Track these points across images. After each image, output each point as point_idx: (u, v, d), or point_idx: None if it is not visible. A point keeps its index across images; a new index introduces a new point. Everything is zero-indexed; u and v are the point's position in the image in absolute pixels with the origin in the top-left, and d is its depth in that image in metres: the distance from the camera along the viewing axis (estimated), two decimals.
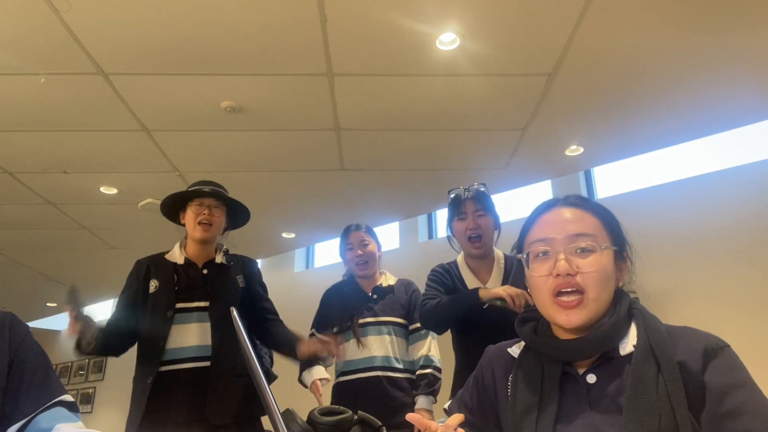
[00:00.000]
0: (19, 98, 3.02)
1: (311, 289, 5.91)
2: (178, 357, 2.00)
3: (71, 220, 4.75)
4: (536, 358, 1.02)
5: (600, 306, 0.97)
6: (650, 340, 0.92)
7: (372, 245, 2.58)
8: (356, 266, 2.56)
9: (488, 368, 1.11)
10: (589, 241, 0.98)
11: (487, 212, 2.11)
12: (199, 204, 2.13)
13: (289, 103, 3.16)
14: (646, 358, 0.90)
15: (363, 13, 2.48)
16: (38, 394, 1.04)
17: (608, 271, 0.98)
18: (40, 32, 2.52)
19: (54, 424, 1.01)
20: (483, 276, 2.13)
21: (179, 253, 2.16)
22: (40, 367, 1.08)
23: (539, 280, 1.00)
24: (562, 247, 0.99)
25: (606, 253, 0.99)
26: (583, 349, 0.96)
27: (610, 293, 0.99)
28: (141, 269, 2.13)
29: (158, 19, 2.47)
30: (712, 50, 2.80)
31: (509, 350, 1.10)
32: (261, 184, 4.20)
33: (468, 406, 1.13)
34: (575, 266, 0.97)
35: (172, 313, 2.02)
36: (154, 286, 2.08)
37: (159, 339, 1.98)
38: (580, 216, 1.02)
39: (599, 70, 2.93)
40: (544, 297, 0.99)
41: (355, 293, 2.56)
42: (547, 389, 0.97)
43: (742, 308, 3.54)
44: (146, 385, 1.94)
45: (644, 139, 3.69)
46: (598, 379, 0.95)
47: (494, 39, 2.67)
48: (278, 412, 0.85)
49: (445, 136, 3.60)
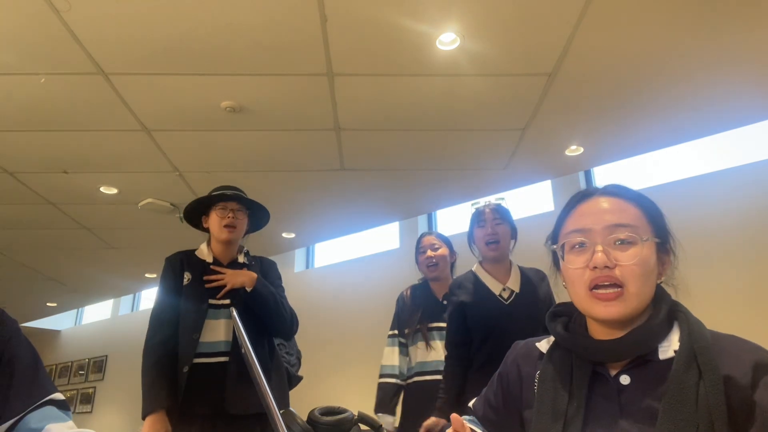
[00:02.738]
0: (19, 98, 3.02)
1: (311, 289, 5.95)
2: (210, 351, 2.09)
3: (71, 220, 4.75)
4: (566, 355, 0.97)
5: (641, 301, 0.91)
6: (694, 347, 0.86)
7: (443, 249, 2.67)
8: (426, 268, 2.66)
9: (514, 364, 1.07)
10: (629, 232, 0.92)
11: (504, 221, 2.25)
12: (223, 208, 2.23)
13: (289, 103, 3.17)
14: (688, 366, 0.85)
15: (363, 13, 2.48)
16: (28, 393, 1.00)
17: (650, 265, 0.92)
18: (40, 32, 2.52)
19: (44, 425, 0.97)
20: (502, 278, 2.23)
21: (207, 252, 2.25)
22: (30, 365, 1.04)
23: (574, 272, 0.94)
24: (600, 239, 0.92)
25: (647, 245, 0.92)
26: (618, 351, 0.91)
27: (652, 288, 0.93)
28: (175, 262, 2.22)
29: (158, 18, 2.47)
30: (711, 50, 2.80)
31: (537, 345, 1.05)
32: (261, 184, 4.20)
33: (492, 404, 1.09)
34: (614, 259, 0.90)
35: (206, 306, 2.12)
36: (188, 278, 2.17)
37: (194, 331, 2.08)
38: (619, 206, 0.96)
39: (599, 70, 2.93)
40: (580, 290, 0.93)
41: (427, 298, 2.65)
42: (576, 389, 0.92)
43: (742, 308, 3.54)
44: (182, 373, 2.03)
45: (644, 139, 3.69)
46: (632, 382, 0.89)
47: (494, 39, 2.67)
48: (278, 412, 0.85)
49: (445, 136, 3.60)
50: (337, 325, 5.67)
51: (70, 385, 8.58)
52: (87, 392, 8.40)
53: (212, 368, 2.07)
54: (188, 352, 2.06)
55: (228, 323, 2.13)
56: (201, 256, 2.25)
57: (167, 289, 2.18)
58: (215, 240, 2.25)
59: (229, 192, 2.26)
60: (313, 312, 5.79)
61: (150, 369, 2.03)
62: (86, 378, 8.53)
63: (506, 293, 2.20)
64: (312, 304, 5.73)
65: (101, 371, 8.37)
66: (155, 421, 1.93)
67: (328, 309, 5.79)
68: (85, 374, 8.59)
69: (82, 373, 8.65)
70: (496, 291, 2.20)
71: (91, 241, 5.27)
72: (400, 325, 2.64)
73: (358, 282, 5.63)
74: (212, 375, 2.06)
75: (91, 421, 7.92)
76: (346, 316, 5.62)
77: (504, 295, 2.19)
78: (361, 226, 5.22)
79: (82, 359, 8.72)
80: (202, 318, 2.10)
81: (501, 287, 2.20)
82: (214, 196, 2.26)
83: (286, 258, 6.37)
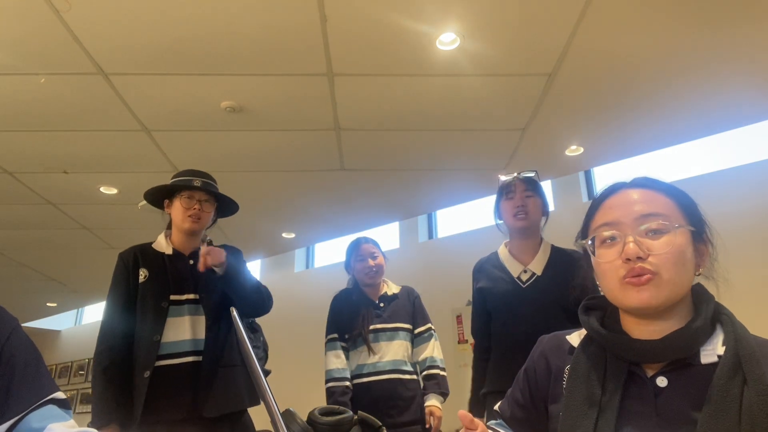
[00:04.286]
0: (19, 98, 3.02)
1: (311, 289, 5.94)
2: (174, 351, 1.94)
3: (71, 220, 4.75)
4: (600, 351, 0.92)
5: (675, 289, 0.86)
6: (740, 354, 0.82)
7: (381, 258, 2.71)
8: (366, 276, 2.67)
9: (542, 358, 1.02)
10: (661, 221, 0.88)
11: (536, 194, 2.07)
12: (189, 197, 2.06)
13: (289, 103, 3.16)
14: (733, 373, 0.80)
15: (363, 13, 2.48)
16: (29, 392, 0.97)
17: (685, 253, 0.88)
18: (40, 32, 2.52)
19: (46, 424, 0.95)
20: (525, 258, 2.07)
21: (166, 244, 2.09)
22: (31, 363, 1.01)
23: (606, 266, 0.91)
24: (630, 230, 0.89)
25: (680, 233, 0.88)
26: (657, 353, 0.87)
27: (689, 279, 0.89)
28: (128, 259, 2.04)
29: (158, 19, 2.47)
30: (711, 50, 2.79)
31: (568, 338, 1.01)
32: (261, 184, 4.20)
33: (520, 403, 1.05)
34: (646, 249, 0.87)
35: (167, 304, 1.97)
36: (144, 275, 2.01)
37: (154, 332, 1.92)
38: (649, 196, 0.93)
39: (599, 70, 2.93)
40: (612, 283, 0.90)
41: (364, 301, 2.67)
42: (609, 387, 0.87)
43: (741, 308, 3.53)
44: (143, 379, 1.88)
45: (644, 139, 3.69)
46: (670, 385, 0.85)
47: (494, 39, 2.67)
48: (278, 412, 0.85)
49: (445, 136, 3.60)
50: None
51: (70, 385, 8.57)
52: (87, 392, 8.39)
53: (179, 370, 1.92)
54: (149, 356, 1.90)
55: (193, 319, 1.98)
56: (159, 249, 2.08)
57: (117, 291, 2.01)
58: (176, 229, 2.09)
59: (198, 181, 2.08)
60: (313, 312, 5.77)
61: (98, 379, 1.88)
62: (86, 378, 8.53)
63: (526, 275, 2.04)
64: (312, 304, 5.72)
65: None
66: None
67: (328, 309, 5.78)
68: (85, 374, 8.59)
69: (82, 373, 8.65)
70: (515, 273, 2.06)
71: (91, 241, 5.27)
72: (339, 330, 2.63)
73: None
74: (179, 377, 1.91)
75: None
76: None
77: (523, 277, 2.04)
78: (361, 226, 5.22)
79: (82, 359, 8.72)
80: (162, 318, 1.94)
81: (521, 269, 2.05)
82: (180, 184, 2.08)
83: (286, 258, 6.37)
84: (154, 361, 1.90)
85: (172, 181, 2.13)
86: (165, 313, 1.96)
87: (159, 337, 1.92)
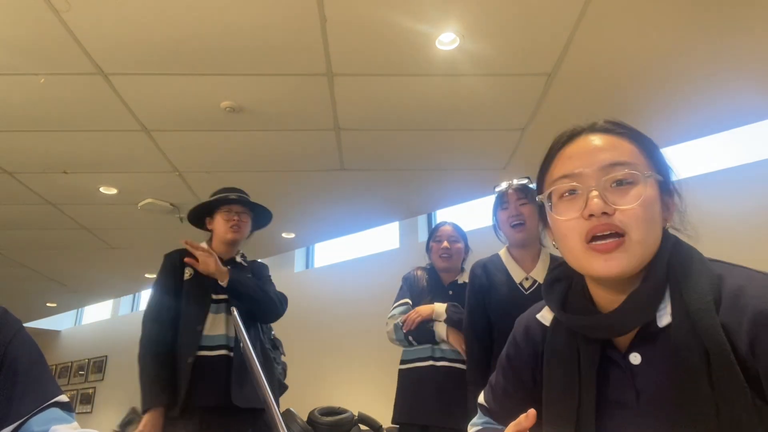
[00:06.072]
0: (19, 98, 3.02)
1: (311, 289, 5.95)
2: (213, 344, 2.14)
3: (71, 220, 4.75)
4: (569, 336, 0.84)
5: (646, 251, 0.77)
6: (689, 309, 0.72)
7: (460, 244, 2.60)
8: (439, 258, 2.57)
9: (522, 341, 0.94)
10: (628, 170, 0.78)
11: (531, 201, 2.09)
12: (228, 210, 2.31)
13: (289, 103, 3.16)
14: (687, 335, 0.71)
15: (363, 13, 2.48)
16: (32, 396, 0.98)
17: (654, 207, 0.78)
18: (40, 32, 2.52)
19: (49, 427, 0.95)
20: (527, 266, 2.10)
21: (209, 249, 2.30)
22: (34, 366, 1.01)
23: (566, 224, 0.79)
24: (594, 182, 0.78)
25: (650, 183, 0.78)
26: (619, 322, 0.77)
27: (658, 235, 0.79)
28: (175, 258, 2.25)
29: (158, 19, 2.47)
30: (711, 50, 2.79)
31: (538, 317, 0.93)
32: (261, 184, 4.20)
33: (508, 391, 0.95)
34: (612, 203, 0.76)
35: (209, 300, 2.18)
36: (190, 273, 2.22)
37: (197, 323, 2.12)
38: (613, 143, 0.82)
39: (599, 70, 2.93)
40: (575, 244, 0.79)
41: (436, 283, 2.57)
42: (585, 377, 0.79)
43: None
44: (187, 364, 2.07)
45: None
46: (644, 361, 0.77)
47: (494, 39, 2.67)
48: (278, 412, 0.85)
49: (445, 136, 3.60)
50: (336, 325, 5.67)
51: (70, 385, 8.58)
52: (87, 392, 8.40)
53: (214, 361, 2.12)
54: (192, 344, 2.10)
55: (228, 318, 2.19)
56: None
57: (165, 286, 2.21)
58: (219, 240, 2.32)
59: (234, 195, 2.34)
60: (313, 312, 5.79)
61: (149, 364, 2.05)
62: (86, 378, 8.54)
63: (528, 282, 2.05)
64: (312, 304, 5.73)
65: (101, 371, 8.37)
66: (155, 416, 1.96)
67: (328, 309, 5.79)
68: (85, 374, 8.60)
69: (82, 373, 8.66)
70: (517, 279, 2.07)
71: (91, 241, 5.27)
72: (413, 298, 2.53)
73: (358, 282, 5.63)
74: (215, 368, 2.11)
75: (91, 421, 7.92)
76: (345, 316, 5.62)
77: (525, 284, 2.05)
78: (361, 226, 5.22)
79: (82, 359, 8.73)
80: (205, 311, 2.15)
81: (524, 276, 2.07)
82: (219, 200, 2.34)
83: (286, 258, 6.38)
84: (197, 349, 2.10)
85: (211, 199, 2.37)
86: (207, 307, 2.17)
87: (201, 327, 2.13)
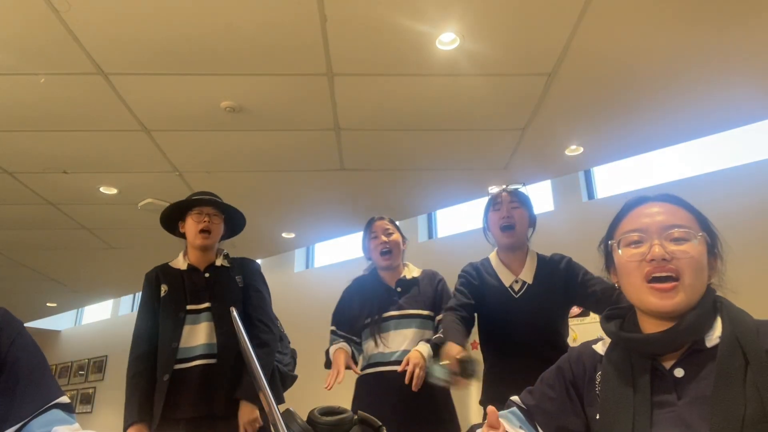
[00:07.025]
0: (19, 98, 3.02)
1: (311, 289, 5.94)
2: (189, 356, 2.14)
3: (71, 220, 4.75)
4: (624, 353, 1.02)
5: (694, 294, 0.97)
6: (735, 331, 0.93)
7: (396, 235, 2.47)
8: (380, 256, 2.43)
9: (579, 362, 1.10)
10: (684, 230, 0.99)
11: (522, 206, 2.11)
12: (198, 213, 2.29)
13: (289, 103, 3.16)
14: (732, 349, 0.91)
15: (363, 13, 2.48)
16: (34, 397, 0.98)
17: (702, 260, 0.99)
18: (40, 32, 2.52)
19: (50, 429, 0.96)
20: (515, 268, 2.12)
21: (183, 261, 2.32)
22: (35, 368, 1.02)
23: (631, 264, 1.01)
24: (656, 236, 1.00)
25: (700, 241, 0.99)
26: (670, 340, 0.96)
27: (704, 284, 1.00)
28: (151, 278, 2.29)
29: (158, 19, 2.47)
30: (712, 50, 2.80)
31: (594, 347, 1.11)
32: (261, 184, 4.20)
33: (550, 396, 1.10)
34: (670, 252, 0.97)
35: (183, 314, 2.18)
36: (164, 290, 2.25)
37: (172, 340, 2.14)
38: (672, 209, 1.04)
39: (599, 70, 2.93)
40: (637, 282, 1.00)
41: (378, 287, 2.44)
42: (639, 385, 0.97)
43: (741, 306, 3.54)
44: (163, 382, 2.08)
45: (644, 139, 3.69)
46: (686, 373, 0.95)
47: (494, 39, 2.67)
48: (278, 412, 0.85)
49: (445, 136, 3.60)
50: None
51: (70, 385, 8.57)
52: (87, 392, 8.39)
53: (191, 372, 2.11)
54: (168, 361, 2.11)
55: (209, 326, 2.18)
56: (176, 266, 2.31)
57: (144, 305, 2.26)
58: (191, 246, 2.31)
59: (205, 197, 2.32)
60: (313, 312, 5.77)
61: (129, 383, 2.11)
62: (86, 378, 8.53)
63: (518, 285, 2.08)
64: (312, 304, 5.72)
65: (101, 371, 8.37)
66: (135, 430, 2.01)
67: (327, 309, 5.75)
68: (85, 374, 8.59)
69: (82, 373, 8.65)
70: (507, 283, 2.09)
71: (91, 241, 5.27)
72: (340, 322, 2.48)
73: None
74: (192, 379, 2.10)
75: (91, 421, 7.92)
76: None
77: (515, 287, 2.08)
78: (361, 226, 5.19)
79: (82, 359, 8.72)
80: (179, 326, 2.16)
81: (513, 279, 2.09)
82: (187, 202, 2.32)
83: (286, 258, 6.37)
84: (172, 365, 2.11)
85: (179, 201, 2.34)
86: (182, 322, 2.17)
87: (176, 344, 2.13)
